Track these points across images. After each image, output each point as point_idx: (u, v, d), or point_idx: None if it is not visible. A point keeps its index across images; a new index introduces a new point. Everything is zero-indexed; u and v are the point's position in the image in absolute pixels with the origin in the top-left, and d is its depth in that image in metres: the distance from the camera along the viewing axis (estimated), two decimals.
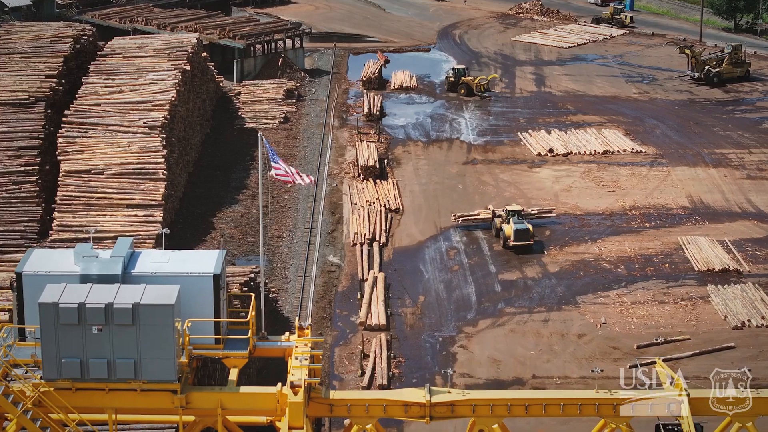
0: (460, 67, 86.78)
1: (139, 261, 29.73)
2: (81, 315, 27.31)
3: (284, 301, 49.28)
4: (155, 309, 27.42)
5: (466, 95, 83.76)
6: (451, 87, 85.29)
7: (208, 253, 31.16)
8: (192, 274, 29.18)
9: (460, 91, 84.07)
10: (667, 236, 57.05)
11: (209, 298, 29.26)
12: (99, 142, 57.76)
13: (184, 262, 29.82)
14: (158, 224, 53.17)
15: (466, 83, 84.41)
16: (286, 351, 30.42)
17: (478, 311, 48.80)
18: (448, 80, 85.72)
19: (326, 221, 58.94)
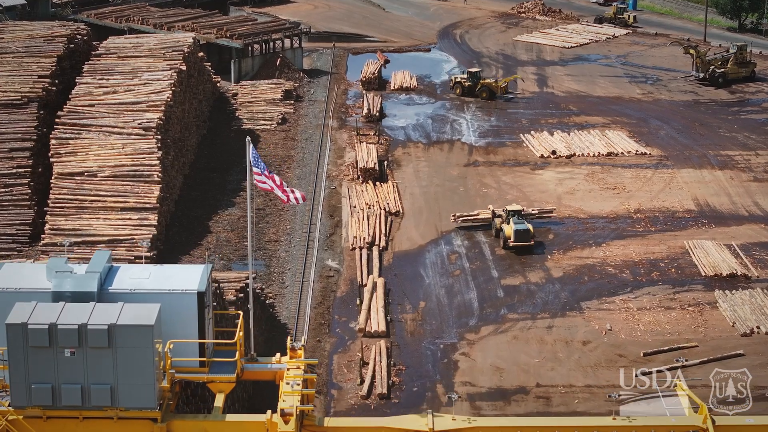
0: (476, 71, 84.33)
1: (117, 277, 27.97)
2: (52, 337, 25.54)
3: (281, 307, 48.35)
4: (133, 330, 25.71)
5: (488, 98, 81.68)
6: (467, 91, 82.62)
7: (193, 268, 29.42)
8: (174, 292, 27.48)
9: (482, 95, 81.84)
10: (673, 240, 56.13)
11: (193, 317, 27.53)
12: (92, 144, 56.86)
13: (166, 278, 28.06)
14: (153, 227, 52.39)
15: (488, 86, 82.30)
16: (277, 374, 28.86)
17: (480, 317, 47.88)
18: (463, 84, 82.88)
19: (325, 225, 58.03)
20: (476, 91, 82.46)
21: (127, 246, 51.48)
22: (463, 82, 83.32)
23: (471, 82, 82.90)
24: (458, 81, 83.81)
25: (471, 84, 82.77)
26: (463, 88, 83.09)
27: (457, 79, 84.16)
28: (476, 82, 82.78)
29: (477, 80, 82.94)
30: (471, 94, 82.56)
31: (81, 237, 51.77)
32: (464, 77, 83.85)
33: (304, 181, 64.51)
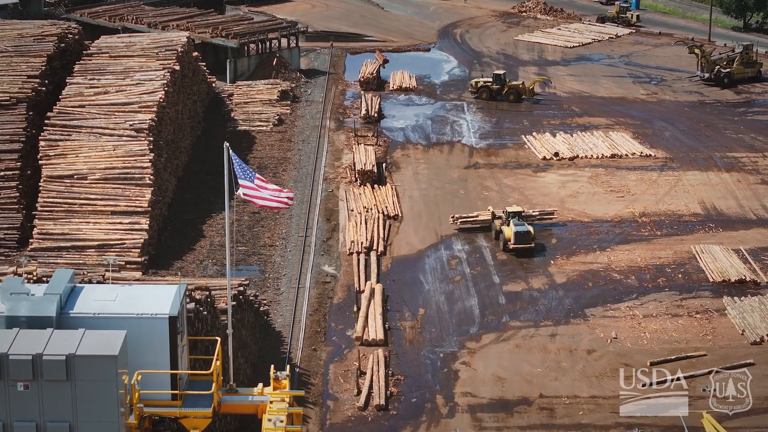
0: (500, 72, 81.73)
1: (79, 299, 25.46)
2: (3, 368, 23.11)
3: (276, 314, 47.16)
4: (95, 361, 23.19)
5: (515, 101, 79.65)
6: (493, 95, 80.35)
7: (165, 289, 26.95)
8: (143, 316, 25.07)
9: (509, 98, 79.60)
10: (680, 245, 54.98)
11: (164, 344, 25.09)
12: (83, 146, 55.69)
13: (134, 301, 25.68)
14: (144, 232, 51.25)
15: (515, 88, 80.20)
16: (258, 407, 26.73)
17: (481, 325, 46.70)
18: (490, 88, 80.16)
19: (321, 229, 56.85)
20: (503, 94, 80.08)
21: (117, 251, 50.36)
22: (490, 85, 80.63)
23: (497, 84, 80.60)
24: (484, 85, 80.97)
25: (498, 87, 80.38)
26: (490, 92, 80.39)
27: (481, 84, 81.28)
28: (502, 84, 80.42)
29: (503, 83, 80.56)
30: (498, 98, 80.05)
31: (70, 242, 50.66)
32: (489, 80, 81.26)
33: (300, 183, 63.36)
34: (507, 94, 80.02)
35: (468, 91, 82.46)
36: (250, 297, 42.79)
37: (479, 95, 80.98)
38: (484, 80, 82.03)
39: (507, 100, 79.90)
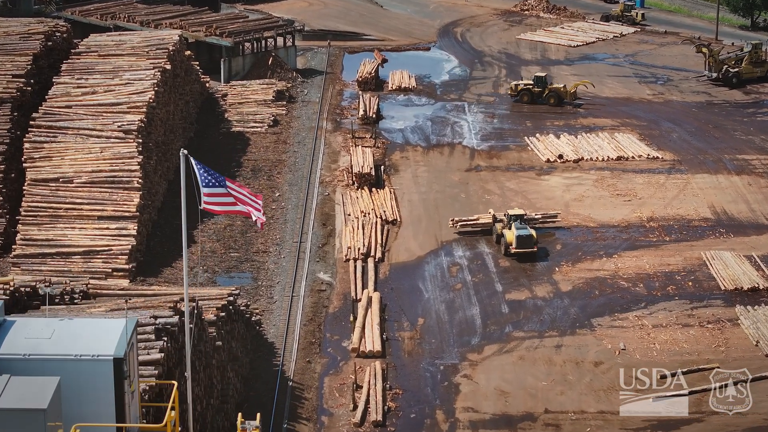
0: (542, 75, 79.13)
1: (7, 337, 21.75)
2: None
3: (269, 324, 45.56)
4: (19, 416, 19.57)
5: (555, 105, 77.30)
6: (534, 98, 77.62)
7: (111, 324, 23.03)
8: (83, 358, 21.47)
9: (549, 101, 77.17)
10: (689, 251, 53.39)
11: (107, 391, 21.56)
12: (69, 148, 54.10)
13: (73, 339, 22.03)
14: (132, 237, 49.68)
15: (556, 91, 77.80)
16: None
17: (483, 335, 45.08)
18: (532, 91, 77.68)
19: (317, 234, 55.25)
20: (543, 96, 77.68)
21: (103, 258, 48.83)
22: (531, 88, 78.13)
23: (539, 87, 78.02)
24: (525, 88, 78.41)
25: (539, 90, 77.88)
26: (531, 95, 77.80)
27: (522, 86, 78.73)
28: (544, 87, 77.94)
29: (545, 85, 78.09)
30: (539, 102, 77.56)
31: (54, 248, 49.07)
32: (530, 83, 78.70)
33: (295, 186, 61.81)
34: (547, 97, 77.53)
35: (507, 94, 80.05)
36: (240, 307, 41.20)
37: (519, 98, 78.35)
38: (524, 83, 79.41)
39: (547, 103, 77.50)
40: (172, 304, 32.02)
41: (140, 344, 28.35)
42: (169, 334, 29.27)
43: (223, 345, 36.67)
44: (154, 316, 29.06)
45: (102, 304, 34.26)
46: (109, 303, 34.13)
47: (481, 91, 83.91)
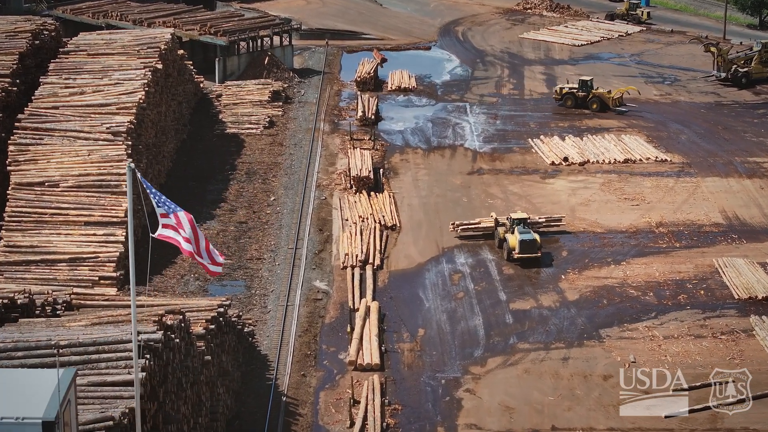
0: (587, 79, 76.49)
1: None
2: None
3: (262, 335, 43.94)
4: None
5: (599, 110, 74.69)
6: (578, 102, 75.40)
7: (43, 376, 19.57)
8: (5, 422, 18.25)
9: (592, 106, 74.80)
10: (701, 258, 51.79)
11: None
12: (55, 151, 52.67)
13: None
14: (120, 244, 48.05)
15: (599, 97, 75.22)
16: None
17: (486, 347, 43.45)
18: (576, 95, 75.39)
19: (313, 240, 53.64)
20: (587, 101, 75.34)
21: (90, 265, 47.24)
22: (576, 92, 75.81)
23: (583, 92, 75.62)
24: (569, 92, 76.11)
25: (584, 94, 75.65)
26: (575, 99, 75.50)
27: (566, 90, 76.43)
28: (588, 91, 75.54)
29: (589, 90, 75.66)
30: (582, 106, 75.31)
31: (39, 255, 47.47)
32: (575, 87, 76.44)
33: (291, 190, 60.24)
34: (591, 102, 75.20)
35: (552, 97, 77.86)
36: (232, 318, 39.57)
37: (563, 102, 76.14)
38: (569, 87, 77.01)
39: (590, 108, 75.09)
40: (157, 317, 30.41)
41: (120, 362, 26.82)
42: (152, 351, 27.65)
43: (213, 359, 35.09)
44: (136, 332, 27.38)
45: (84, 316, 32.75)
46: (91, 315, 32.63)
47: (483, 91, 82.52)
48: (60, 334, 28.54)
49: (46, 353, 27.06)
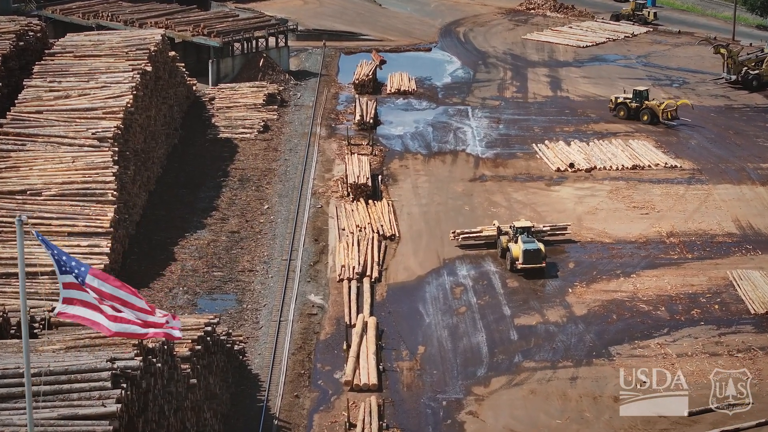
0: (642, 89, 73.16)
1: None
2: None
3: (254, 352, 42.10)
4: None
5: (649, 123, 71.36)
6: (631, 113, 72.03)
7: None
8: None
9: (643, 118, 71.45)
10: (714, 270, 49.95)
11: None
12: (38, 157, 50.92)
13: None
14: (105, 256, 46.21)
15: (651, 108, 71.71)
16: None
17: (490, 366, 41.60)
18: (629, 106, 72.10)
19: (308, 251, 51.80)
20: (639, 113, 72.17)
21: None
22: (629, 102, 72.41)
23: (637, 102, 72.47)
24: (623, 102, 72.94)
25: (637, 105, 72.02)
26: (627, 110, 72.05)
27: (620, 100, 73.18)
28: (641, 102, 72.23)
29: (642, 100, 72.24)
30: (635, 117, 71.95)
31: None
32: (629, 97, 72.83)
33: (286, 198, 58.43)
34: (642, 113, 71.85)
35: (607, 107, 74.58)
36: (220, 336, 37.72)
37: (617, 113, 73.07)
38: (624, 96, 73.77)
39: (641, 119, 71.85)
40: (138, 340, 28.48)
41: (94, 393, 24.98)
42: (129, 380, 25.80)
43: (199, 383, 33.24)
44: (111, 359, 25.59)
45: (61, 337, 30.87)
46: (68, 337, 30.74)
47: (486, 94, 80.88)
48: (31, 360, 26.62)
49: (15, 383, 25.27)
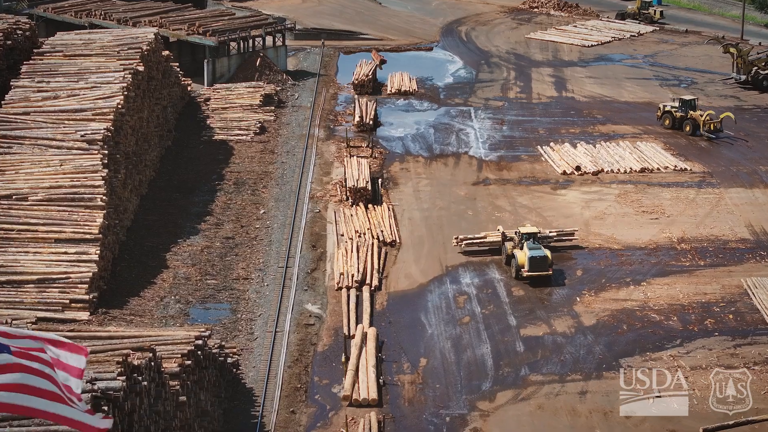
0: (690, 98, 70.02)
1: None
2: None
3: (248, 365, 40.55)
4: None
5: (690, 134, 68.13)
6: (676, 123, 69.10)
7: None
8: None
9: (685, 128, 68.47)
10: (728, 277, 48.44)
11: None
12: (24, 160, 49.41)
13: None
14: (94, 264, 44.69)
15: (694, 119, 68.30)
16: None
17: (495, 379, 40.07)
18: (673, 115, 69.24)
19: (305, 258, 50.29)
20: (683, 123, 68.95)
21: (60, 287, 43.88)
22: (674, 111, 69.45)
23: (681, 112, 69.29)
24: (668, 110, 69.84)
25: (682, 115, 69.11)
26: (673, 119, 69.35)
27: (667, 108, 70.07)
28: (687, 112, 69.15)
29: (688, 110, 69.16)
30: (679, 127, 69.06)
31: (5, 275, 44.05)
32: (675, 106, 69.76)
33: (282, 203, 56.95)
34: (685, 123, 68.94)
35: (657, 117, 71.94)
36: (212, 349, 36.19)
37: (662, 121, 70.45)
38: (671, 105, 70.88)
39: (683, 129, 68.95)
40: (122, 357, 26.97)
41: None
42: (111, 402, 24.27)
43: (189, 400, 31.74)
44: (92, 379, 24.04)
45: None
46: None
47: (489, 95, 79.59)
48: None
49: None
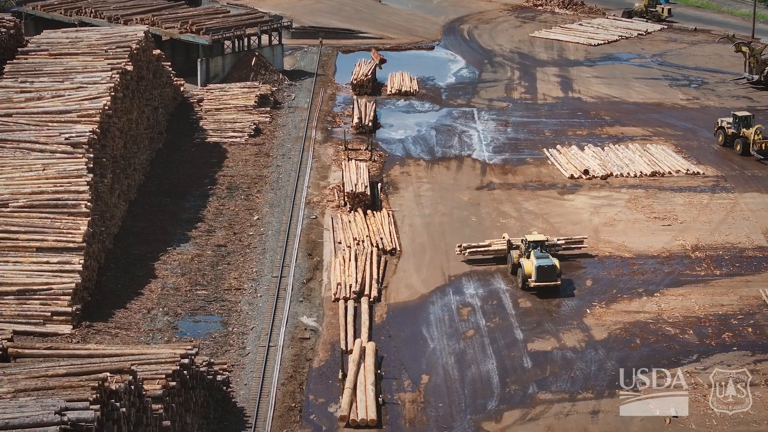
0: (744, 115, 65.95)
1: None
2: None
3: (239, 382, 38.69)
4: None
5: (741, 153, 64.08)
6: (728, 140, 65.36)
7: None
8: None
9: (736, 147, 64.45)
10: (745, 287, 46.61)
11: None
12: (5, 165, 47.77)
13: None
14: (77, 274, 42.86)
15: (745, 137, 64.39)
16: None
17: (501, 398, 38.21)
18: (726, 131, 65.53)
19: (301, 267, 48.46)
20: (734, 140, 65.03)
21: (42, 298, 42.07)
22: (727, 128, 65.76)
23: (734, 129, 65.39)
24: (722, 126, 66.26)
25: (734, 132, 65.34)
26: (725, 136, 65.71)
27: (722, 124, 66.43)
28: (739, 129, 65.41)
29: (741, 127, 65.40)
30: (730, 145, 65.49)
31: None
32: (729, 122, 65.86)
33: (277, 208, 55.18)
34: (735, 141, 65.35)
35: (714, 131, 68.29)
36: (200, 368, 34.32)
37: (716, 136, 66.95)
38: (726, 120, 66.85)
39: (733, 147, 65.18)
40: (98, 382, 25.10)
41: None
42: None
43: (174, 424, 29.88)
44: (61, 410, 22.16)
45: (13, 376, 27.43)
46: (22, 375, 27.33)
47: (492, 95, 78.11)
48: None
49: None
